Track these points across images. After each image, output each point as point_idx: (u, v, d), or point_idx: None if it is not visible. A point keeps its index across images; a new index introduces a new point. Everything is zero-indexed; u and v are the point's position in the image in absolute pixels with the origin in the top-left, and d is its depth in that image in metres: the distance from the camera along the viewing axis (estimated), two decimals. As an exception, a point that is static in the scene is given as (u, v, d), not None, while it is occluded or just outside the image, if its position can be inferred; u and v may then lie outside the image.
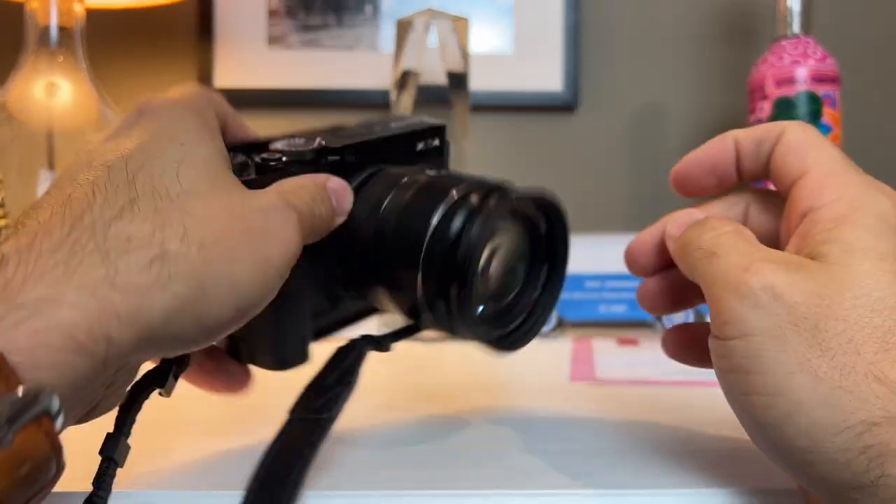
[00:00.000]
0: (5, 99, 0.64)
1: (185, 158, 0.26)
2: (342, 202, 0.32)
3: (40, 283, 0.22)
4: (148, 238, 0.24)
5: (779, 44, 0.75)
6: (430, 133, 0.37)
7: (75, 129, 0.66)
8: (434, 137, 0.37)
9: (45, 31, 0.64)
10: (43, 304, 0.21)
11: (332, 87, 0.91)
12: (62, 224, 0.23)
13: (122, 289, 0.23)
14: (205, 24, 0.90)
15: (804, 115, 0.73)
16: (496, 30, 0.92)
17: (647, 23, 0.94)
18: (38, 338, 0.21)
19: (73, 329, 0.21)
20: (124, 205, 0.24)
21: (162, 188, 0.25)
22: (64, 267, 0.22)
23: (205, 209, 0.25)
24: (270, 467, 0.26)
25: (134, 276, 0.23)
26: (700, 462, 0.32)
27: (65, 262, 0.22)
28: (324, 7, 0.91)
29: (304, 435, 0.27)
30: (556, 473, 0.30)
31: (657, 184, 0.94)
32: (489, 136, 0.93)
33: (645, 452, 0.34)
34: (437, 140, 0.37)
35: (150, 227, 0.24)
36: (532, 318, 0.34)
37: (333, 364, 0.30)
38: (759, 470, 0.31)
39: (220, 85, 0.90)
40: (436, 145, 0.37)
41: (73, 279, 0.22)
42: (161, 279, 0.23)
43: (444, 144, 0.38)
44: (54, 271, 0.22)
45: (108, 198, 0.24)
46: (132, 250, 0.23)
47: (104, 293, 0.22)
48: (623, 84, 0.94)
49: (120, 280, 0.23)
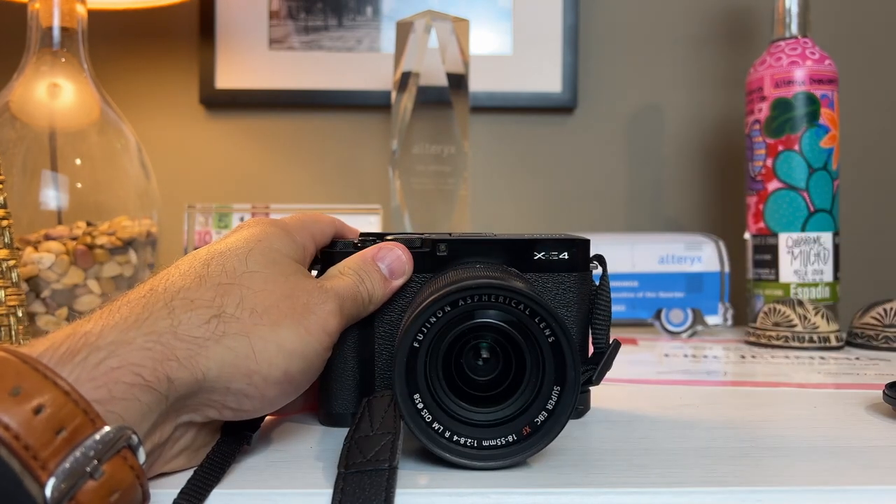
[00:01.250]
0: (8, 99, 0.64)
1: (256, 248, 0.32)
2: (395, 267, 0.36)
3: (115, 331, 0.26)
4: (209, 301, 0.29)
5: (777, 45, 0.76)
6: (555, 245, 0.37)
7: (77, 130, 0.66)
8: (561, 251, 0.37)
9: (47, 33, 0.65)
10: (116, 346, 0.26)
11: (332, 88, 0.91)
12: (140, 290, 0.29)
13: (182, 338, 0.27)
14: (206, 25, 0.91)
15: (802, 115, 0.73)
16: (496, 31, 0.92)
17: (645, 24, 0.94)
18: (113, 374, 0.25)
19: (140, 368, 0.25)
20: (194, 279, 0.29)
21: (230, 268, 0.30)
22: (135, 319, 0.27)
23: (261, 284, 0.30)
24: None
25: (194, 329, 0.27)
26: (700, 462, 0.32)
27: (136, 315, 0.27)
28: (324, 9, 0.91)
29: (373, 486, 0.27)
30: (555, 473, 0.31)
31: (655, 184, 0.94)
32: (489, 137, 0.94)
33: (645, 452, 0.34)
34: (566, 254, 0.37)
35: (212, 294, 0.29)
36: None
37: (370, 415, 0.31)
38: (760, 470, 0.31)
39: (221, 86, 0.91)
40: (562, 258, 0.37)
41: (143, 328, 0.27)
42: (216, 334, 0.28)
43: (579, 260, 0.38)
44: (127, 321, 0.27)
45: (183, 273, 0.30)
46: (194, 309, 0.28)
47: (167, 340, 0.27)
48: (622, 85, 0.95)
49: (181, 331, 0.27)
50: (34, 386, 0.23)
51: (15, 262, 0.52)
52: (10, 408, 0.22)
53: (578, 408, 0.39)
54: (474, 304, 0.31)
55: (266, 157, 0.94)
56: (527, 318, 0.31)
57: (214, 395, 0.28)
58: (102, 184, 0.66)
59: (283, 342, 0.30)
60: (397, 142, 0.76)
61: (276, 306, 0.30)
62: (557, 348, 0.30)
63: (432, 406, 0.31)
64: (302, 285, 0.32)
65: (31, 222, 0.62)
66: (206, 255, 0.31)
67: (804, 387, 0.49)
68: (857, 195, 0.93)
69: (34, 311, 0.61)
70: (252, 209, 0.78)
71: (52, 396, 0.23)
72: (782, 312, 0.67)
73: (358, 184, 0.93)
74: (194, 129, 0.93)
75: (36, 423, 0.22)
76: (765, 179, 0.75)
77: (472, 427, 0.31)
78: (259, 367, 0.29)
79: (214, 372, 0.28)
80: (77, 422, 0.23)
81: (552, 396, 0.31)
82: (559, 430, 0.30)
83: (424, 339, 0.31)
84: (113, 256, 0.64)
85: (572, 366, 0.30)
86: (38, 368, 0.23)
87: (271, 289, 0.30)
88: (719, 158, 0.95)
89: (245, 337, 0.28)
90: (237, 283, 0.30)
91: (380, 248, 0.36)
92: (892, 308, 0.66)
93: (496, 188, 0.94)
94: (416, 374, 0.31)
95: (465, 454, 0.31)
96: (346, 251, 0.38)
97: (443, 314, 0.31)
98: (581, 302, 0.38)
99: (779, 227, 0.74)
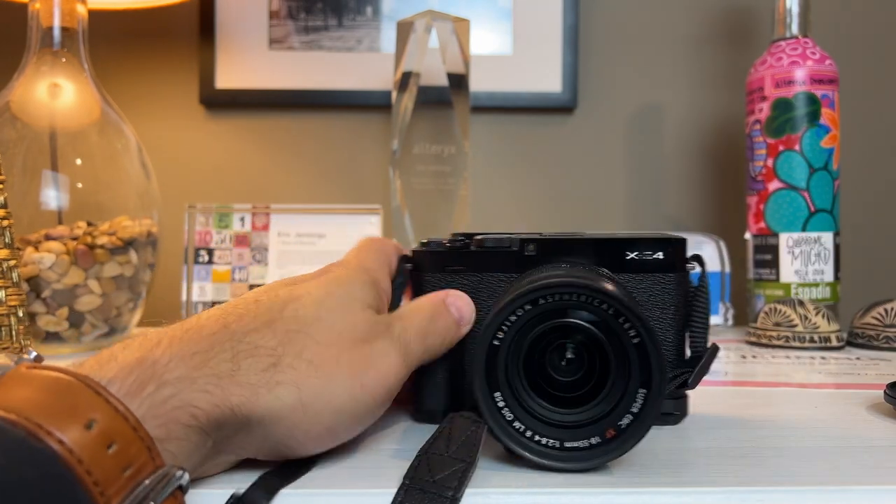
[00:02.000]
0: (8, 99, 0.64)
1: (334, 293, 0.32)
2: (464, 314, 0.36)
3: (182, 366, 0.27)
4: (271, 349, 0.29)
5: (777, 45, 0.76)
6: (648, 245, 0.37)
7: (78, 130, 0.66)
8: (655, 251, 0.37)
9: (48, 33, 0.65)
10: (180, 382, 0.26)
11: (332, 88, 0.91)
12: (213, 325, 0.29)
13: (240, 383, 0.27)
14: (206, 25, 0.91)
15: (802, 115, 0.73)
16: (496, 31, 0.92)
17: (645, 24, 0.94)
18: (174, 413, 0.26)
19: (197, 411, 0.26)
20: (265, 322, 0.29)
21: (302, 314, 0.30)
22: (202, 357, 0.27)
23: (326, 335, 0.30)
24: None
25: (251, 375, 0.28)
26: (700, 462, 0.32)
27: (204, 352, 0.27)
28: (324, 9, 0.91)
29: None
30: (553, 472, 0.31)
31: (655, 184, 0.94)
32: (489, 137, 0.94)
33: (645, 452, 0.34)
34: (661, 254, 0.37)
35: (276, 342, 0.29)
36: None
37: (449, 434, 0.30)
38: (760, 470, 0.31)
39: (221, 86, 0.91)
40: (657, 258, 0.37)
41: (206, 368, 0.27)
42: (270, 382, 0.28)
43: (675, 259, 0.37)
44: (193, 359, 0.27)
45: (257, 315, 0.30)
46: (256, 355, 0.28)
47: (226, 384, 0.27)
48: (622, 85, 0.95)
49: (240, 376, 0.28)
50: (108, 421, 0.23)
51: (15, 262, 0.52)
52: (85, 442, 0.22)
53: (675, 413, 0.38)
54: (555, 302, 0.30)
55: (266, 157, 0.94)
56: (611, 318, 0.30)
57: (254, 439, 0.29)
58: (103, 184, 0.66)
59: (333, 399, 0.29)
60: (398, 142, 0.76)
61: (335, 359, 0.30)
62: (643, 350, 0.30)
63: (513, 405, 0.31)
64: (368, 335, 0.31)
65: (31, 222, 0.62)
66: (286, 296, 0.31)
67: (805, 387, 0.49)
68: (858, 195, 0.93)
69: (35, 311, 0.61)
70: (252, 209, 0.78)
71: (123, 433, 0.23)
72: (783, 312, 0.67)
73: (358, 184, 0.93)
74: (194, 129, 0.93)
75: (107, 460, 0.22)
76: (765, 179, 0.75)
77: (554, 427, 0.31)
78: (303, 421, 0.29)
79: (258, 419, 0.28)
80: (142, 460, 0.23)
81: (637, 399, 0.30)
82: (644, 433, 0.30)
83: (505, 336, 0.30)
84: (113, 256, 0.64)
85: (658, 368, 0.29)
86: (110, 401, 0.23)
87: (335, 340, 0.30)
88: (719, 158, 0.95)
89: (297, 388, 0.28)
90: (304, 330, 0.30)
91: (448, 293, 0.36)
92: (892, 308, 0.66)
93: (496, 188, 0.94)
94: (496, 372, 0.30)
95: (547, 454, 0.30)
96: (438, 251, 0.38)
97: (523, 312, 0.30)
98: (678, 304, 0.37)
99: (779, 227, 0.74)
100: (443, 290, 0.37)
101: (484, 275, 0.38)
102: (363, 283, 0.34)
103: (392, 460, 0.32)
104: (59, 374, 0.24)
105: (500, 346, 0.31)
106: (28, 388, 0.23)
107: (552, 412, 0.31)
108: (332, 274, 0.34)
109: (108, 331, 0.65)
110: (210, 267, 0.76)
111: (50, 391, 0.23)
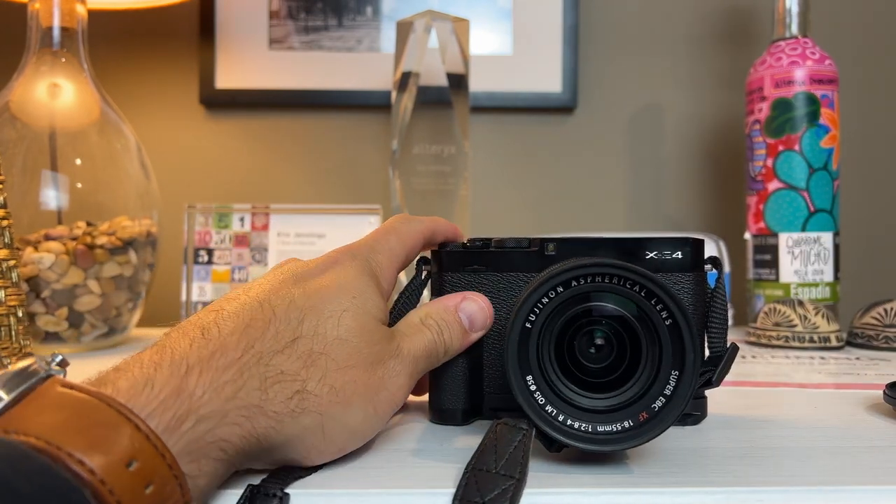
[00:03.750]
0: (8, 99, 0.64)
1: (351, 308, 0.32)
2: (476, 322, 0.36)
3: (215, 399, 0.26)
4: (295, 374, 0.29)
5: (777, 45, 0.76)
6: (668, 245, 0.37)
7: (78, 130, 0.66)
8: (674, 251, 0.37)
9: (47, 33, 0.65)
10: (214, 416, 0.26)
11: (332, 88, 0.91)
12: (237, 345, 0.28)
13: (267, 413, 0.28)
14: (206, 25, 0.91)
15: (802, 115, 0.73)
16: (496, 31, 0.92)
17: (645, 24, 0.94)
18: (206, 449, 0.26)
19: (227, 445, 0.27)
20: (288, 343, 0.29)
21: (322, 331, 0.30)
22: (232, 386, 0.27)
23: (346, 358, 0.30)
24: None
25: (278, 403, 0.28)
26: (700, 462, 0.32)
27: (233, 381, 0.27)
28: (324, 9, 0.91)
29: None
30: (553, 472, 0.31)
31: (655, 184, 0.94)
32: (489, 137, 0.94)
33: (645, 452, 0.34)
34: (679, 254, 0.37)
35: (299, 366, 0.29)
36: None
37: (496, 445, 0.29)
38: (760, 470, 0.31)
39: (221, 86, 0.91)
40: (675, 258, 0.37)
41: (236, 399, 0.27)
42: (295, 411, 0.28)
43: (693, 260, 0.37)
44: (224, 390, 0.27)
45: (278, 331, 0.29)
46: (282, 381, 0.28)
47: (254, 415, 0.27)
48: (622, 85, 0.95)
49: (268, 406, 0.28)
50: (148, 461, 0.23)
51: (15, 262, 0.52)
52: (125, 482, 0.22)
53: (696, 414, 0.38)
54: (588, 285, 0.30)
55: (266, 157, 0.94)
56: (643, 300, 0.30)
57: (269, 457, 0.29)
58: (102, 184, 0.66)
59: (350, 422, 0.30)
60: (397, 142, 0.76)
61: (353, 383, 0.30)
62: (675, 331, 0.29)
63: (545, 389, 0.30)
64: (382, 355, 0.32)
65: (31, 222, 0.62)
66: (302, 301, 0.31)
67: (804, 387, 0.49)
68: (857, 195, 0.93)
69: (34, 311, 0.61)
70: (252, 209, 0.78)
71: (161, 474, 0.23)
72: (782, 312, 0.67)
73: (358, 184, 0.93)
74: (194, 129, 0.93)
75: (144, 501, 0.22)
76: (765, 179, 0.75)
77: (585, 412, 0.31)
78: (320, 443, 0.29)
79: (280, 444, 0.28)
80: (174, 498, 0.24)
81: (670, 382, 0.30)
82: (677, 415, 0.29)
83: (536, 319, 0.30)
84: (113, 256, 0.64)
85: (691, 349, 0.29)
86: (150, 439, 0.23)
87: (354, 363, 0.30)
88: (719, 158, 0.95)
89: (319, 416, 0.29)
90: (325, 352, 0.30)
91: (464, 298, 0.36)
92: (892, 308, 0.66)
93: (496, 188, 0.94)
94: (528, 356, 0.30)
95: (580, 437, 0.30)
96: (456, 251, 0.38)
97: (556, 295, 0.30)
98: (696, 303, 0.37)
99: (779, 227, 0.74)
100: (460, 293, 0.37)
101: (504, 274, 0.38)
102: (371, 293, 0.33)
103: (412, 459, 0.32)
104: (96, 402, 0.23)
105: (532, 329, 0.30)
106: (62, 413, 0.23)
107: (584, 397, 0.31)
108: (340, 271, 0.33)
109: (108, 331, 0.65)
110: (210, 267, 0.76)
111: (87, 420, 0.23)
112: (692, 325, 0.29)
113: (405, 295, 0.39)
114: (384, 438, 0.36)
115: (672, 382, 0.30)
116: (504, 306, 0.38)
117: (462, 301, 0.36)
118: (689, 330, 0.29)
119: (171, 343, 0.28)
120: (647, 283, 0.29)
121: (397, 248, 0.37)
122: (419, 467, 0.31)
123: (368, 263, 0.35)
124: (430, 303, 0.36)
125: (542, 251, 0.37)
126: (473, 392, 0.38)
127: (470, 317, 0.36)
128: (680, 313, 0.29)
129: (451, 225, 0.40)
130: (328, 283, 0.32)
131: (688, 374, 0.29)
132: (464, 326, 0.36)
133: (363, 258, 0.35)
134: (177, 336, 0.28)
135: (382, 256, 0.36)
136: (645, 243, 0.37)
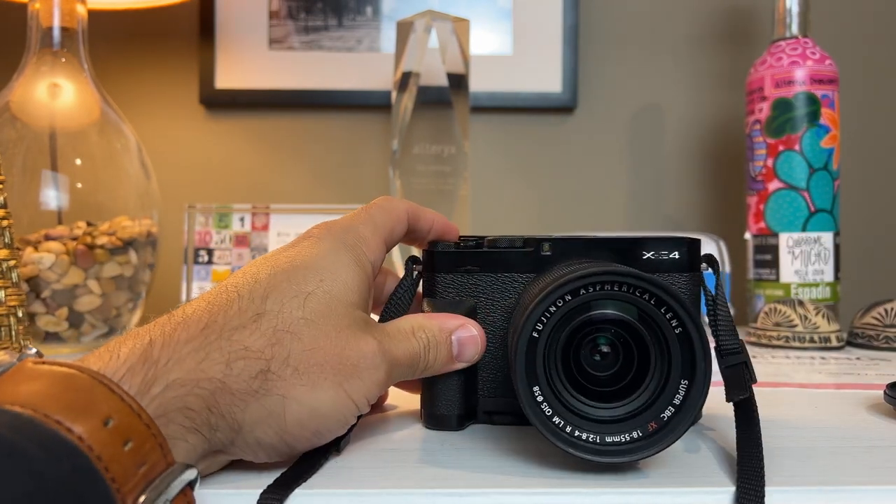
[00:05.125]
0: (8, 99, 0.64)
1: (315, 291, 0.31)
2: (465, 353, 0.35)
3: (177, 368, 0.27)
4: (260, 352, 0.28)
5: (777, 45, 0.76)
6: (665, 244, 0.36)
7: (78, 130, 0.66)
8: (671, 251, 0.36)
9: (47, 33, 0.65)
10: (179, 386, 0.26)
11: (332, 88, 0.91)
12: (198, 321, 0.28)
13: (230, 390, 0.28)
14: (206, 25, 0.91)
15: (802, 115, 0.73)
16: (496, 31, 0.92)
17: (645, 24, 0.94)
18: (174, 415, 0.26)
19: (192, 413, 0.27)
20: (252, 317, 0.29)
21: (287, 312, 0.30)
22: (194, 357, 0.27)
23: (312, 340, 0.30)
24: None
25: (242, 382, 0.28)
26: (700, 462, 0.32)
27: (195, 352, 0.27)
28: (324, 9, 0.91)
29: None
30: (553, 472, 0.31)
31: (655, 184, 0.94)
32: (489, 137, 0.94)
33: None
34: (676, 254, 0.36)
35: (264, 343, 0.29)
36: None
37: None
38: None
39: (221, 86, 0.91)
40: (672, 258, 0.36)
41: (198, 371, 0.27)
42: (259, 392, 0.28)
43: (690, 259, 0.37)
44: (187, 360, 0.27)
45: (241, 308, 0.29)
46: (247, 359, 0.28)
47: (216, 388, 0.27)
48: (622, 85, 0.95)
49: (231, 382, 0.28)
50: (123, 418, 0.23)
51: (15, 262, 0.52)
52: (103, 438, 0.22)
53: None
54: (598, 293, 0.30)
55: (266, 157, 0.94)
56: (651, 307, 0.29)
57: (247, 445, 0.29)
58: (102, 184, 0.66)
59: (319, 405, 0.29)
60: (397, 142, 0.76)
61: (320, 366, 0.29)
62: (685, 339, 0.29)
63: (552, 400, 0.30)
64: (356, 344, 0.31)
65: (31, 222, 0.62)
66: (267, 280, 0.31)
67: (805, 387, 0.49)
68: (858, 195, 0.93)
69: (34, 311, 0.61)
70: (252, 209, 0.78)
71: (138, 431, 0.23)
72: (783, 312, 0.67)
73: (358, 184, 0.93)
74: (194, 129, 0.93)
75: (124, 457, 0.23)
76: (765, 179, 0.75)
77: (593, 423, 0.30)
78: (289, 428, 0.29)
79: (248, 426, 0.28)
80: (155, 458, 0.24)
81: (679, 391, 0.29)
82: (688, 425, 0.29)
83: (544, 329, 0.30)
84: (113, 256, 0.64)
85: (702, 357, 0.29)
86: (125, 399, 0.24)
87: (321, 345, 0.30)
88: (719, 158, 0.95)
89: (282, 398, 0.29)
90: (290, 330, 0.29)
91: (462, 325, 0.35)
92: (892, 308, 0.66)
93: (496, 188, 0.94)
94: (535, 366, 0.30)
95: (588, 449, 0.29)
96: (447, 251, 0.38)
97: (563, 303, 0.30)
98: (694, 304, 0.37)
99: (779, 227, 0.74)
100: (462, 318, 0.36)
101: (499, 275, 0.37)
102: (347, 269, 0.32)
103: (412, 460, 0.32)
104: (70, 370, 0.24)
105: (539, 338, 0.30)
106: (38, 383, 0.23)
107: (591, 407, 0.31)
108: (314, 247, 0.33)
109: (108, 331, 0.65)
110: (210, 267, 0.76)
111: (63, 386, 0.23)
112: (703, 333, 0.29)
113: (397, 296, 0.38)
114: (383, 440, 0.36)
115: (681, 392, 0.29)
116: (499, 308, 0.37)
117: (460, 328, 0.35)
118: (699, 339, 0.29)
119: (135, 329, 0.29)
120: (658, 291, 0.29)
121: (380, 219, 0.36)
122: (419, 467, 0.31)
123: (345, 237, 0.34)
124: (429, 316, 0.35)
125: (538, 251, 0.37)
126: (468, 397, 0.37)
127: (461, 346, 0.35)
128: (691, 322, 0.29)
129: (436, 214, 0.39)
130: (297, 263, 0.32)
131: (698, 383, 0.29)
132: (452, 353, 0.35)
133: (339, 232, 0.34)
134: (143, 324, 0.29)
135: (364, 227, 0.35)
136: (642, 243, 0.37)
